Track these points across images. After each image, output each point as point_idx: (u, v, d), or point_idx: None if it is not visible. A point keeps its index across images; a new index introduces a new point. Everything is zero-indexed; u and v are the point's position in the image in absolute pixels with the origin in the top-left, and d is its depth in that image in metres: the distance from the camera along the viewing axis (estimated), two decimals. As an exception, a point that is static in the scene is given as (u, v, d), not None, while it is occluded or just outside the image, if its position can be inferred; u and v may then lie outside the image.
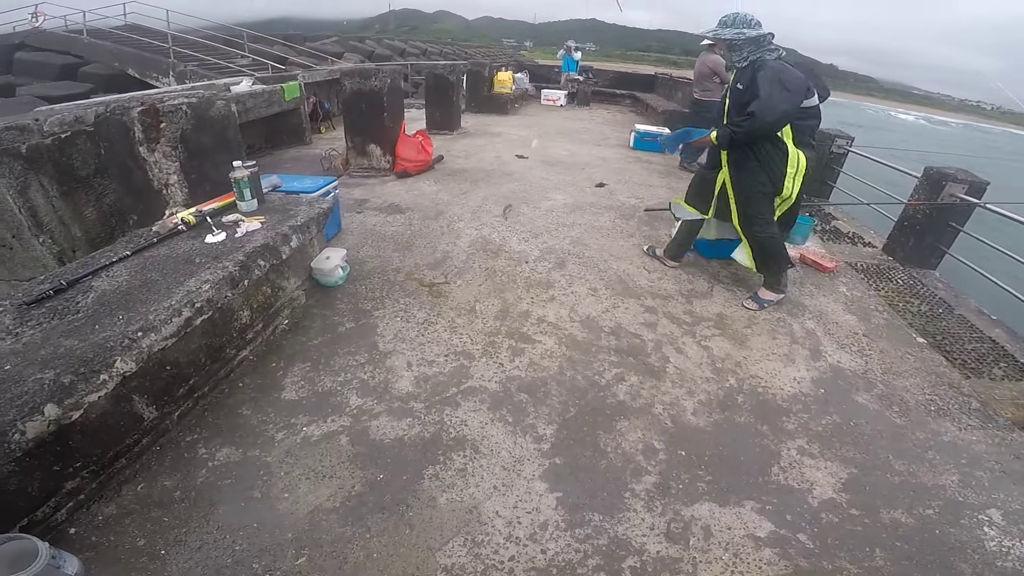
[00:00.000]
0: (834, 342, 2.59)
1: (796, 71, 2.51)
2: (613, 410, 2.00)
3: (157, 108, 2.35)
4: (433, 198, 4.22)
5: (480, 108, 8.89)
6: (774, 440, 1.92)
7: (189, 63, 9.76)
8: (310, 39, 17.20)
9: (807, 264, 3.50)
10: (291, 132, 6.60)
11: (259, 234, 2.16)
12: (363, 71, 4.68)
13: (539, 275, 3.01)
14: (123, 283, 1.79)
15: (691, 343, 2.48)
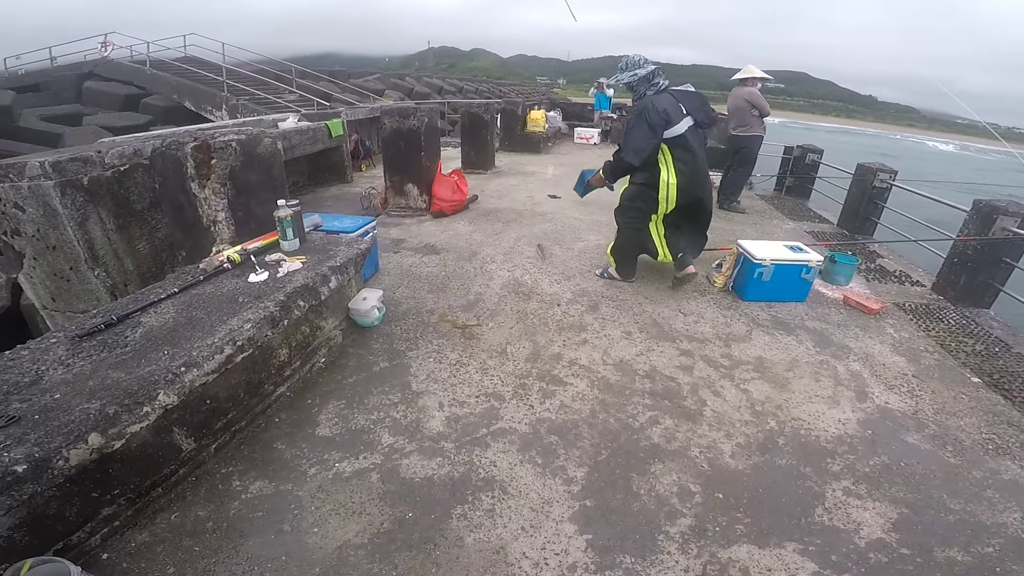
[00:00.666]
0: (881, 383, 2.53)
1: (663, 102, 3.02)
2: (647, 453, 1.99)
3: (209, 144, 2.49)
4: (467, 239, 4.31)
5: (513, 147, 9.11)
6: (818, 482, 1.88)
7: (241, 97, 10.37)
8: (354, 75, 18.07)
9: (851, 306, 3.40)
10: (334, 170, 6.89)
11: (300, 274, 2.24)
12: (402, 110, 4.87)
13: (571, 318, 3.01)
14: (169, 319, 1.89)
15: (729, 386, 2.44)
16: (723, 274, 3.56)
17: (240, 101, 9.97)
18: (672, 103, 3.08)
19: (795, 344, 2.88)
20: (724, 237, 4.75)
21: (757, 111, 5.49)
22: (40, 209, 2.72)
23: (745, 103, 5.51)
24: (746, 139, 5.63)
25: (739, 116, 5.62)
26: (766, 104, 5.52)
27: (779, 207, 6.28)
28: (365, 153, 8.01)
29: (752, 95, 5.49)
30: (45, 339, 1.78)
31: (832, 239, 5.11)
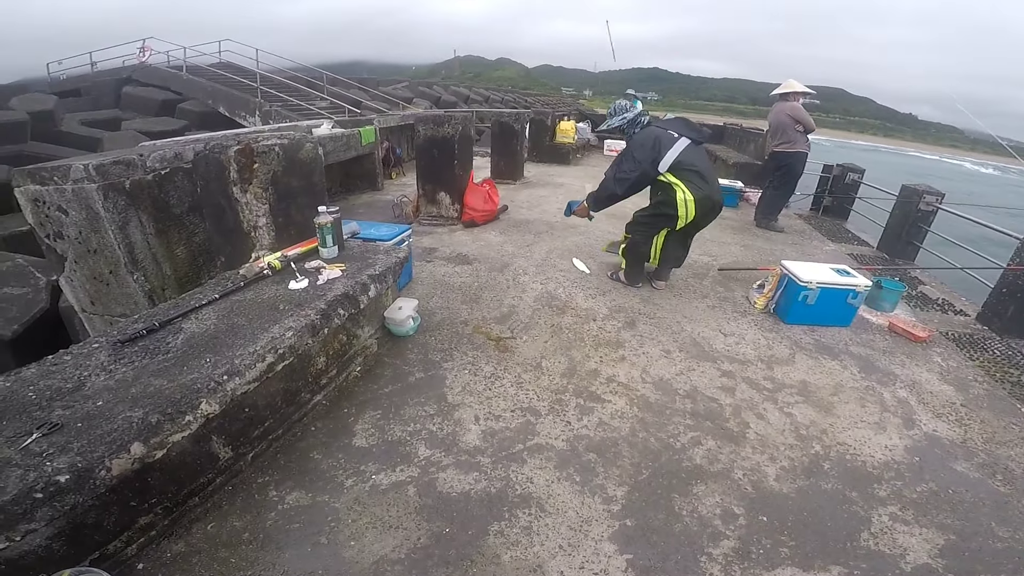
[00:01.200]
0: (929, 411, 2.48)
1: (649, 136, 3.27)
2: (689, 474, 1.95)
3: (252, 148, 2.49)
4: (499, 249, 4.29)
5: (542, 157, 9.11)
6: (864, 506, 1.86)
7: (273, 103, 10.63)
8: (383, 83, 18.45)
9: (897, 333, 3.28)
10: (365, 177, 6.97)
11: (339, 282, 2.25)
12: (436, 118, 4.89)
13: (608, 334, 2.96)
14: (211, 326, 1.90)
15: (772, 409, 2.38)
16: (764, 295, 3.47)
17: (273, 107, 10.23)
18: (660, 132, 3.30)
19: (840, 369, 2.80)
20: (763, 257, 4.65)
21: (802, 126, 5.33)
22: (83, 212, 2.76)
23: (788, 118, 5.35)
24: (789, 156, 5.46)
25: (782, 132, 5.44)
26: (810, 119, 5.37)
27: (817, 227, 6.13)
28: (396, 161, 8.09)
29: (795, 110, 5.35)
30: (87, 344, 1.80)
31: (873, 263, 4.96)
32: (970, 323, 3.66)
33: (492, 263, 3.94)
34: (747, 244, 5.01)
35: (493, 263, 3.94)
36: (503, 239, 4.60)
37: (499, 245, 4.41)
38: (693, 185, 3.21)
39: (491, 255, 4.13)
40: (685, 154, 3.22)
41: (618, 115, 3.51)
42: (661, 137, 3.25)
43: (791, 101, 5.41)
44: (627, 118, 3.47)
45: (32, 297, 4.38)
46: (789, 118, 5.35)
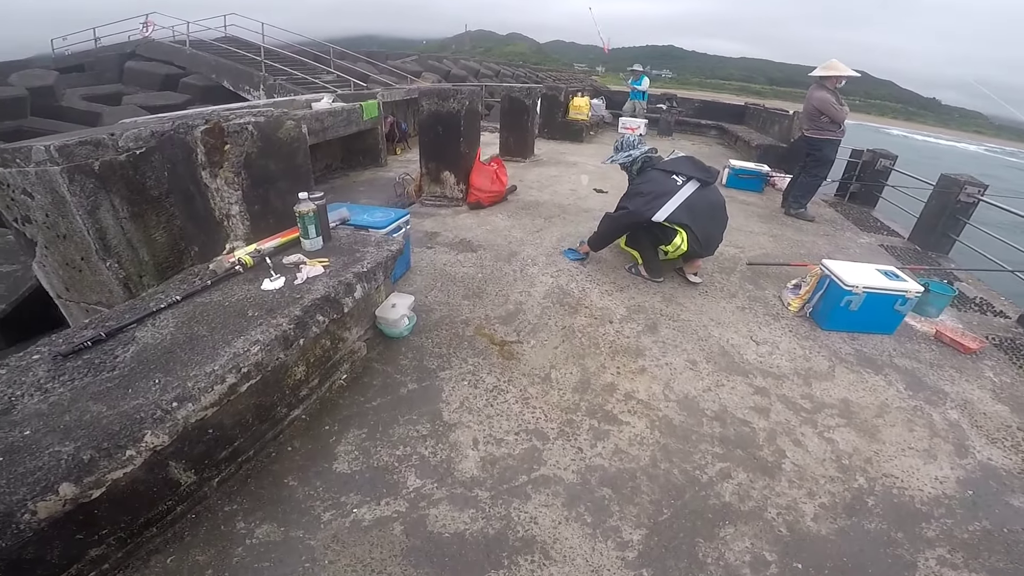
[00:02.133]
0: (983, 436, 2.22)
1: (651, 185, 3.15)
2: (716, 513, 1.71)
3: (222, 128, 2.17)
4: (506, 235, 3.96)
5: (553, 134, 8.68)
6: (910, 549, 1.67)
7: (278, 77, 10.24)
8: (392, 57, 17.91)
9: (944, 343, 2.94)
10: (368, 152, 6.63)
11: (320, 282, 1.94)
12: (441, 91, 4.50)
13: (626, 339, 2.64)
14: (167, 336, 1.61)
15: (811, 434, 2.11)
16: (800, 297, 3.11)
17: (278, 81, 9.86)
18: (662, 178, 3.18)
19: (884, 385, 2.49)
20: (794, 250, 4.27)
21: (827, 117, 4.89)
22: (48, 196, 2.50)
23: (813, 108, 4.92)
24: (816, 142, 5.03)
25: (809, 118, 5.04)
26: (836, 112, 4.85)
27: (846, 215, 5.72)
28: (401, 136, 7.75)
29: (821, 102, 4.84)
30: (27, 355, 1.53)
31: (904, 256, 4.60)
32: (1011, 326, 3.36)
33: (498, 251, 3.61)
34: (776, 234, 4.62)
35: (499, 251, 3.61)
36: (511, 223, 4.25)
37: (506, 230, 4.07)
38: (692, 234, 3.08)
39: (497, 242, 3.79)
40: (689, 201, 3.09)
41: (624, 151, 3.45)
42: (663, 185, 3.14)
43: (826, 87, 4.89)
44: (633, 156, 3.39)
45: (22, 275, 4.15)
46: (815, 108, 4.91)
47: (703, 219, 3.11)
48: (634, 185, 3.31)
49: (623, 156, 3.43)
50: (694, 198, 3.11)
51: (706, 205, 3.15)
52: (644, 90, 10.91)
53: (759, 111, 11.15)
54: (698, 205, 3.11)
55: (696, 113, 12.35)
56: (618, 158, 3.45)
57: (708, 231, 3.16)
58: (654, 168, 3.29)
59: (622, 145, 3.48)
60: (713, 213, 3.20)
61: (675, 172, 3.21)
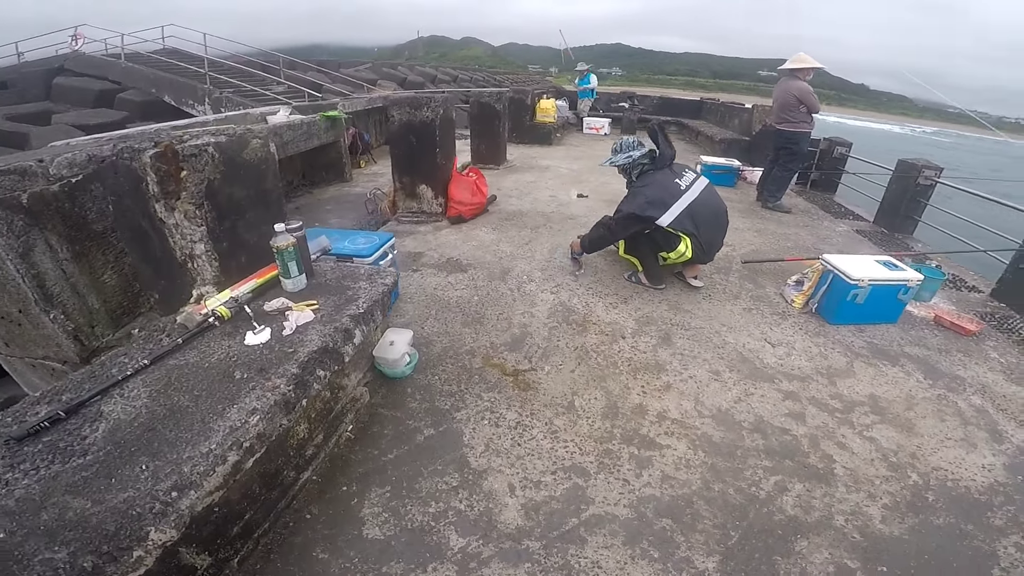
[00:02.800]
0: (1011, 420, 2.23)
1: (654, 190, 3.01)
2: (785, 528, 1.63)
3: (176, 151, 1.83)
4: (495, 251, 3.74)
5: (522, 138, 8.50)
6: (985, 540, 1.65)
7: (225, 90, 9.67)
8: (344, 65, 17.35)
9: (944, 327, 2.96)
10: (331, 167, 6.28)
11: (313, 330, 1.69)
12: (413, 100, 4.23)
13: (643, 354, 2.48)
14: (142, 410, 1.34)
15: (851, 435, 2.06)
16: (804, 293, 3.05)
17: (224, 94, 9.29)
18: (665, 180, 3.05)
19: (904, 377, 2.46)
20: (781, 243, 4.25)
21: (805, 108, 4.94)
22: (-34, 239, 2.12)
23: (794, 98, 4.94)
24: (791, 135, 5.08)
25: (785, 110, 5.05)
26: (816, 101, 4.95)
27: (814, 203, 5.83)
28: (364, 148, 7.43)
29: (802, 91, 4.91)
30: (-32, 441, 1.24)
31: (875, 238, 4.71)
32: (986, 301, 3.49)
33: (490, 269, 3.39)
34: (760, 229, 4.60)
35: (491, 269, 3.39)
36: (497, 236, 4.04)
37: (494, 245, 3.86)
38: (696, 241, 3.00)
39: (487, 258, 3.57)
40: (693, 206, 2.98)
41: (624, 152, 3.28)
42: (667, 188, 3.01)
43: (799, 79, 4.96)
44: (633, 157, 3.22)
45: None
46: (795, 99, 4.94)
47: (706, 225, 3.01)
48: (635, 188, 3.17)
49: (623, 158, 3.26)
50: (697, 203, 2.99)
51: (710, 211, 3.04)
52: (592, 88, 10.84)
53: (716, 105, 11.36)
54: (701, 211, 2.99)
55: (656, 110, 12.48)
56: (618, 160, 3.28)
57: (711, 237, 3.06)
58: (656, 170, 3.15)
59: (621, 147, 3.31)
60: (716, 219, 3.09)
61: (678, 175, 3.09)
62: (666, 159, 3.15)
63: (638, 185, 3.15)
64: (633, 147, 3.26)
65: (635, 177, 3.26)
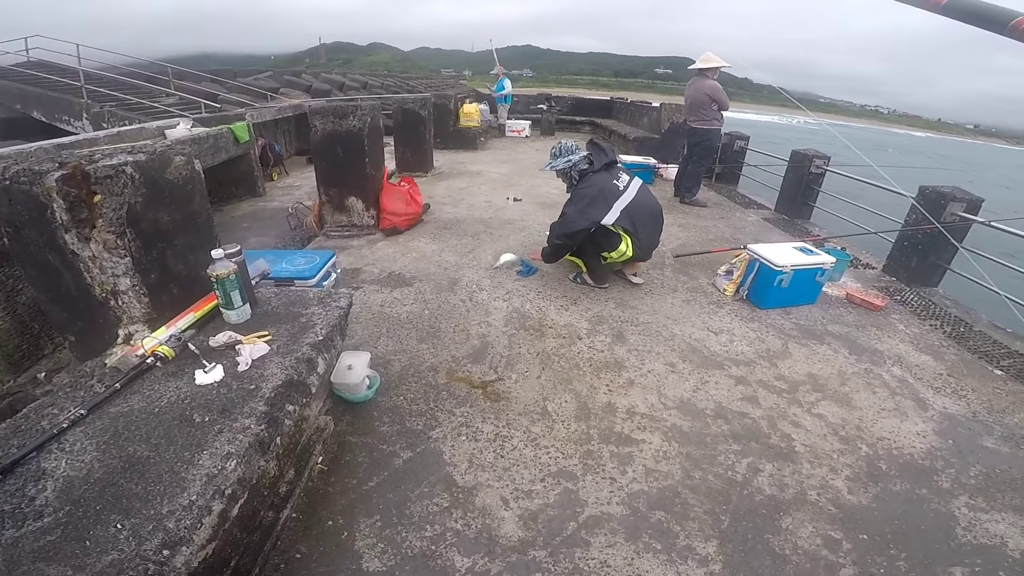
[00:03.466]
0: (928, 387, 2.50)
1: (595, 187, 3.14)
2: (768, 508, 1.75)
3: (86, 172, 1.63)
4: (438, 261, 3.68)
5: (447, 144, 8.45)
6: (941, 502, 1.83)
7: (106, 103, 8.71)
8: (241, 74, 16.25)
9: (856, 304, 3.32)
10: (242, 182, 5.88)
11: (272, 363, 1.57)
12: (337, 109, 4.05)
13: (601, 353, 2.57)
14: (94, 464, 1.19)
15: (802, 413, 2.24)
16: (734, 282, 3.29)
17: (106, 108, 8.36)
18: (605, 180, 3.18)
19: (832, 354, 2.73)
20: (705, 236, 4.55)
21: (716, 105, 5.32)
22: None
23: (706, 97, 5.29)
24: (703, 132, 5.45)
25: (697, 109, 5.40)
26: (726, 99, 5.33)
27: (722, 195, 6.29)
28: (276, 159, 7.05)
29: (714, 89, 5.27)
30: None
31: (780, 225, 5.19)
32: (880, 276, 3.94)
33: (437, 281, 3.33)
34: (683, 223, 4.89)
35: (438, 281, 3.34)
36: (438, 246, 3.98)
37: (436, 255, 3.79)
38: (639, 236, 3.13)
39: (431, 270, 3.51)
40: (632, 206, 3.13)
41: (563, 156, 3.37)
42: (606, 188, 3.14)
43: (709, 78, 5.32)
44: (572, 160, 3.33)
45: None
46: (707, 97, 5.29)
47: (644, 224, 3.15)
48: (578, 190, 3.26)
49: (563, 161, 3.34)
50: (634, 204, 3.13)
51: (646, 212, 3.20)
52: (507, 93, 10.92)
53: (625, 104, 11.92)
54: (639, 211, 3.14)
55: (570, 111, 12.90)
56: (557, 164, 3.36)
57: (649, 236, 3.22)
58: (595, 172, 3.25)
59: (560, 151, 3.40)
60: (653, 219, 3.26)
61: (616, 176, 3.21)
62: (603, 162, 3.26)
63: (581, 187, 3.25)
64: (572, 151, 3.37)
65: (576, 180, 3.34)
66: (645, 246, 3.21)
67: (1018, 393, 2.47)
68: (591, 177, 3.24)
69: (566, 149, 3.39)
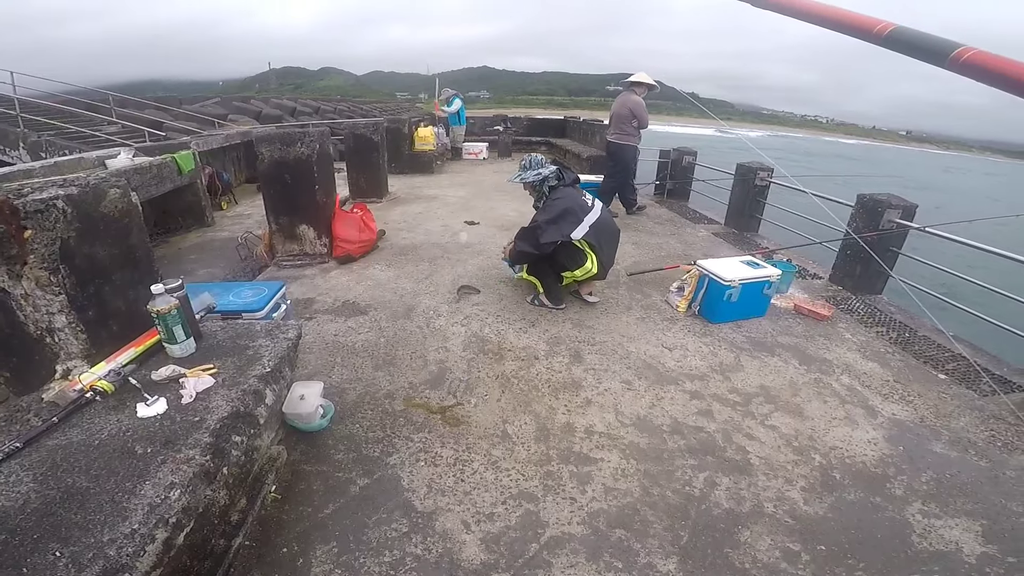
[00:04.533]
0: (877, 395, 2.61)
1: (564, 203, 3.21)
2: (726, 522, 1.80)
3: (14, 207, 1.59)
4: (394, 288, 3.69)
5: (402, 168, 8.50)
6: (895, 509, 1.88)
7: (44, 132, 8.39)
8: (187, 101, 15.95)
9: (804, 314, 3.50)
10: (189, 212, 5.75)
11: (218, 395, 1.56)
12: (284, 136, 4.04)
13: (559, 375, 2.63)
14: (30, 495, 1.18)
15: (755, 425, 2.32)
16: (685, 298, 3.44)
17: (44, 137, 8.05)
18: (574, 195, 3.30)
19: (783, 365, 2.86)
20: (657, 253, 4.73)
21: (636, 122, 5.56)
22: None
23: (628, 111, 5.54)
24: (619, 147, 5.69)
25: (618, 123, 5.64)
26: (647, 117, 5.59)
27: (673, 211, 6.52)
28: (224, 188, 6.93)
29: (637, 106, 5.51)
30: None
31: (730, 239, 5.40)
32: (828, 285, 4.15)
33: (393, 308, 3.34)
34: (637, 241, 5.06)
35: (394, 308, 3.34)
36: (394, 273, 3.99)
37: (392, 282, 3.80)
38: (602, 253, 3.25)
39: (387, 297, 3.51)
40: (597, 224, 3.23)
41: (532, 169, 3.44)
42: (577, 202, 3.24)
43: (637, 95, 5.58)
44: (543, 174, 3.39)
45: None
46: (628, 112, 5.54)
47: (607, 243, 3.30)
48: (550, 201, 3.31)
49: (532, 175, 3.41)
50: (599, 222, 3.25)
51: (608, 232, 3.33)
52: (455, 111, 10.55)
53: (578, 124, 12.28)
54: (603, 230, 3.27)
55: (526, 131, 13.17)
56: (527, 176, 3.43)
57: (610, 254, 3.36)
58: (564, 185, 3.37)
59: (530, 164, 3.47)
60: (613, 239, 3.41)
61: (582, 194, 3.34)
62: (572, 178, 3.41)
63: (553, 198, 3.31)
64: (542, 164, 3.46)
65: (547, 192, 3.41)
66: (606, 264, 3.34)
67: (962, 396, 2.60)
68: (562, 190, 3.34)
69: (536, 162, 3.48)
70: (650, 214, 6.19)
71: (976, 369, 2.83)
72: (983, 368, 2.87)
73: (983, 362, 2.96)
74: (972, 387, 2.71)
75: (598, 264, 3.24)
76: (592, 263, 3.22)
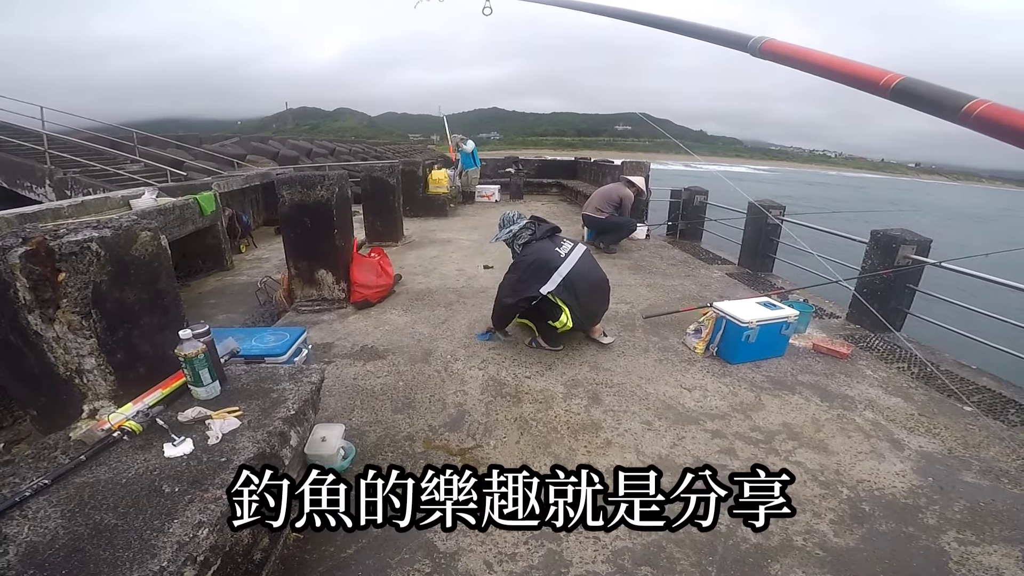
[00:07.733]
0: (902, 428, 2.62)
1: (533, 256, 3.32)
2: (755, 556, 1.79)
3: (50, 248, 1.65)
4: (411, 333, 3.76)
5: (416, 211, 8.70)
6: (929, 538, 1.89)
7: (70, 169, 8.73)
8: (207, 140, 16.62)
9: (823, 353, 3.51)
10: (209, 255, 5.92)
11: (244, 437, 1.62)
12: (305, 179, 4.16)
13: (578, 416, 2.65)
14: (59, 531, 1.23)
15: (780, 462, 2.33)
16: (703, 339, 3.47)
17: (70, 175, 8.38)
18: (546, 248, 3.37)
19: (804, 402, 2.86)
20: (672, 295, 4.75)
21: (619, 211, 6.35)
22: None
23: (617, 199, 6.28)
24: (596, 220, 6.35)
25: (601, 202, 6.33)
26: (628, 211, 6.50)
27: (686, 252, 6.58)
28: (243, 230, 7.10)
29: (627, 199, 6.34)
30: None
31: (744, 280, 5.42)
32: (845, 324, 4.16)
33: (411, 353, 3.41)
34: (651, 283, 5.10)
35: (412, 352, 3.41)
36: (411, 318, 4.07)
37: (409, 327, 3.87)
38: (575, 309, 3.25)
39: (405, 342, 3.58)
40: (571, 276, 3.26)
41: (505, 227, 3.55)
42: (546, 258, 3.30)
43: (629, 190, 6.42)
44: (513, 231, 3.50)
45: None
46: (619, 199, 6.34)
47: (585, 294, 3.30)
48: (518, 258, 3.43)
49: (504, 233, 3.53)
50: (575, 272, 3.28)
51: (587, 282, 3.34)
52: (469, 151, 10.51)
53: (588, 164, 12.52)
54: (579, 281, 3.28)
55: (537, 172, 13.45)
56: (501, 235, 3.55)
57: (592, 306, 3.41)
58: (536, 239, 3.44)
59: (503, 222, 3.58)
60: (595, 288, 3.43)
61: (558, 244, 3.41)
62: (545, 230, 3.50)
63: (521, 255, 3.41)
64: (512, 221, 3.54)
65: (519, 248, 3.50)
66: (586, 316, 3.38)
67: (990, 427, 2.61)
68: (532, 246, 3.41)
69: (507, 220, 3.56)
70: (663, 255, 6.29)
71: (1002, 400, 2.83)
72: (1009, 399, 2.88)
73: (1008, 394, 2.98)
74: (1000, 417, 2.74)
75: (573, 318, 3.25)
76: (567, 317, 3.23)
